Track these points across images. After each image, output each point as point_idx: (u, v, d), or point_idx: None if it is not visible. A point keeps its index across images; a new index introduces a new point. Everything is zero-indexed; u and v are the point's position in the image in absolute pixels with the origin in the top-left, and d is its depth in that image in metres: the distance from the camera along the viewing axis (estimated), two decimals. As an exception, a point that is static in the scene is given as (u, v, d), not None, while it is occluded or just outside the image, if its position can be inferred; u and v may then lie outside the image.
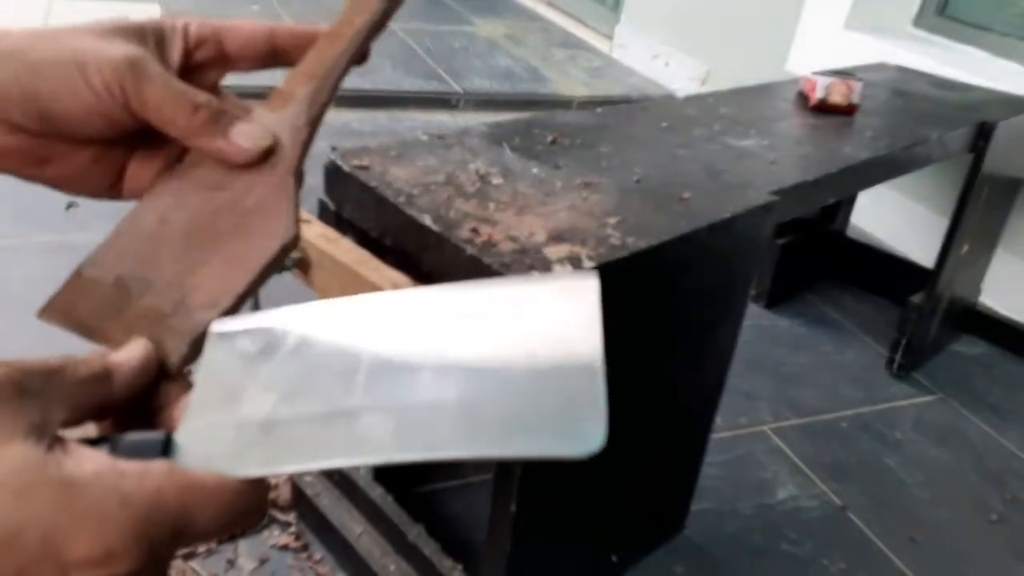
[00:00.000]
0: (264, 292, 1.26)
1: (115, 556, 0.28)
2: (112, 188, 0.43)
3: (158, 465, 0.31)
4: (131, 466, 0.30)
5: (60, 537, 0.27)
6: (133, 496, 0.29)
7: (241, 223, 0.39)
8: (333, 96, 0.43)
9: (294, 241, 0.39)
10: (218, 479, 0.32)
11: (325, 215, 1.02)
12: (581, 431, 0.31)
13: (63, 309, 0.39)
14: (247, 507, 0.33)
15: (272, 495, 1.24)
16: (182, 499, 0.30)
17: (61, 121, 0.38)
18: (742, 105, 1.47)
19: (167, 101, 0.38)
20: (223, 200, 0.40)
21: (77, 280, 0.39)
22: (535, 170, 1.04)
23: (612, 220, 0.93)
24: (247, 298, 0.38)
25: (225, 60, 0.43)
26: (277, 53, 0.43)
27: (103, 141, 0.41)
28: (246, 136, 0.40)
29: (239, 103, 0.44)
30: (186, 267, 0.38)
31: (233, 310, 0.37)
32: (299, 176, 0.41)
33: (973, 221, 1.69)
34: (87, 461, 0.29)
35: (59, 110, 0.38)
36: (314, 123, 0.42)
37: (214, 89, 0.44)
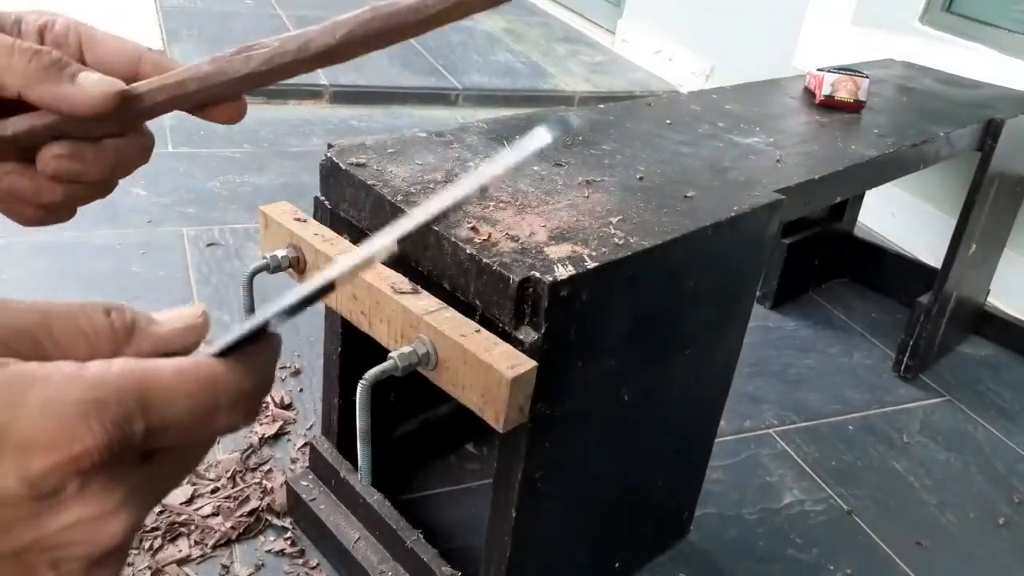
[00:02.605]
0: (260, 293, 1.24)
1: (75, 438, 0.27)
2: None
3: (123, 358, 0.29)
4: (95, 361, 0.29)
5: (17, 425, 0.26)
6: (96, 379, 0.28)
7: None
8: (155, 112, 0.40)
9: None
10: (189, 359, 0.31)
11: (321, 214, 1.00)
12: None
13: None
14: (227, 384, 0.31)
15: (267, 500, 1.22)
16: (147, 376, 0.29)
17: None
18: (747, 101, 1.45)
19: (2, 49, 0.37)
20: None
21: None
22: (535, 168, 1.02)
23: (614, 219, 0.91)
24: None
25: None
26: (138, 79, 0.41)
27: None
28: (93, 83, 0.38)
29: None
30: None
31: None
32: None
33: (981, 220, 1.67)
34: (51, 363, 0.28)
35: None
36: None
37: None
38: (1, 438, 0.26)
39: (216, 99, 0.41)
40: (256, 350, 0.33)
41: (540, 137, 0.29)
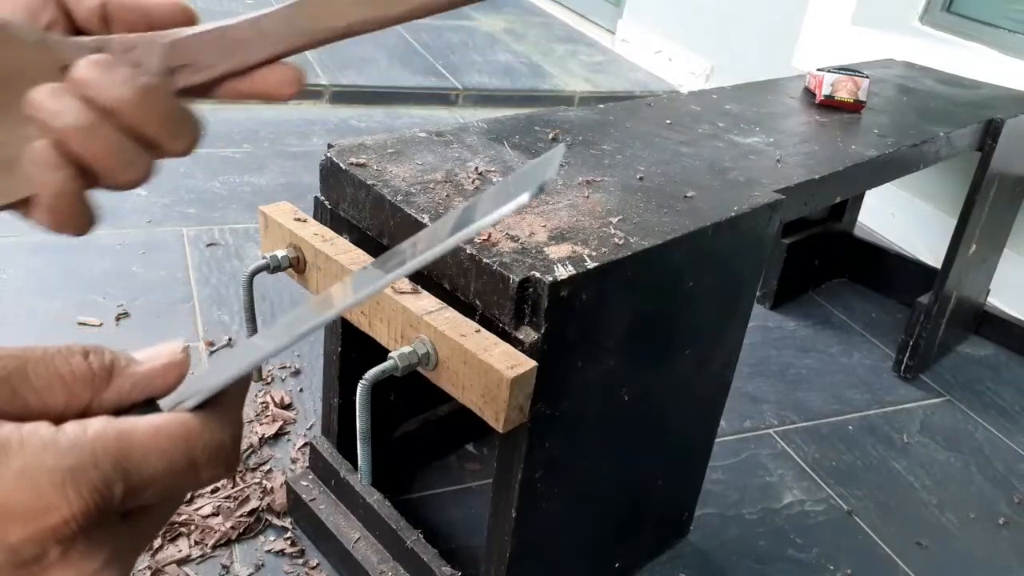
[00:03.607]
0: (260, 292, 1.23)
1: (52, 507, 0.26)
2: None
3: (99, 418, 0.29)
4: (70, 423, 0.28)
5: None
6: (71, 445, 0.27)
7: None
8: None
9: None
10: (163, 415, 0.30)
11: (321, 214, 1.00)
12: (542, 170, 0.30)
13: None
14: (203, 439, 0.30)
15: (267, 500, 1.22)
16: (123, 438, 0.28)
17: None
18: (747, 101, 1.45)
19: None
20: None
21: None
22: (536, 168, 1.01)
23: (614, 219, 0.91)
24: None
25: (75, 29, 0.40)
26: (108, 22, 0.39)
27: None
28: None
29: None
30: None
31: None
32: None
33: (981, 220, 1.67)
34: (26, 426, 0.28)
35: None
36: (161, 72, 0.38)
37: None
38: None
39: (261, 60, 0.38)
40: (229, 399, 0.32)
41: (519, 200, 0.29)
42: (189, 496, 1.19)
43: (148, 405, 0.32)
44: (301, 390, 1.46)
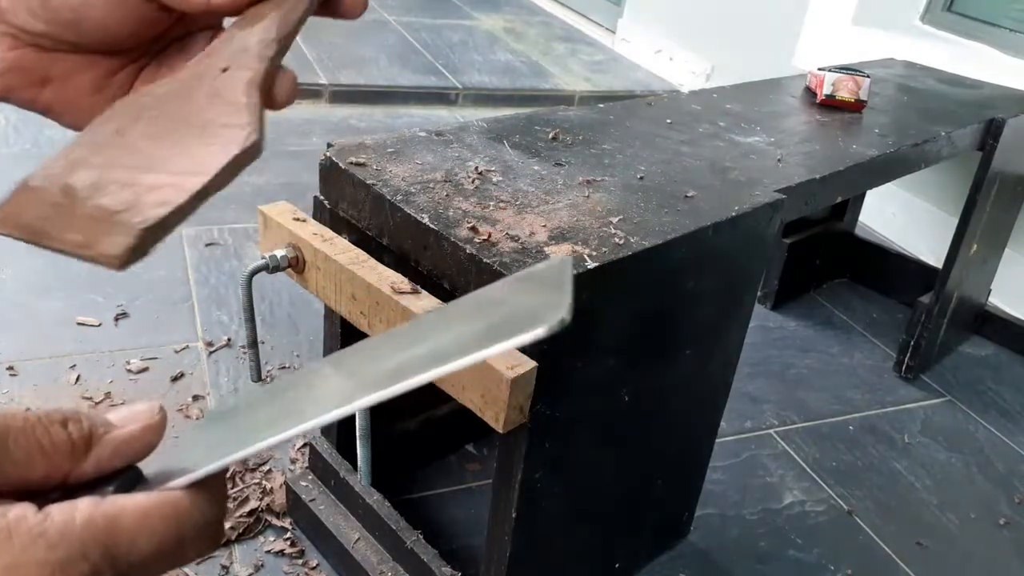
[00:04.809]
0: (259, 292, 1.23)
1: None
2: None
3: (86, 500, 0.29)
4: (56, 508, 0.28)
5: None
6: (60, 537, 0.27)
7: (202, 131, 0.38)
8: (305, 17, 0.42)
9: (255, 147, 0.38)
10: (152, 495, 0.30)
11: (320, 213, 1.00)
12: (547, 308, 0.29)
13: (8, 217, 0.36)
14: (192, 519, 0.30)
15: (267, 500, 1.21)
16: (112, 524, 0.28)
17: (81, 22, 0.38)
18: (748, 101, 1.44)
19: None
20: (182, 111, 0.39)
21: (24, 190, 0.37)
22: (536, 167, 1.01)
23: (615, 219, 0.90)
24: (202, 201, 0.36)
25: None
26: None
27: (106, 50, 0.41)
28: None
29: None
30: (139, 170, 0.36)
31: (186, 210, 0.35)
32: (264, 89, 0.41)
33: (982, 220, 1.67)
34: (11, 511, 0.27)
35: (81, 9, 0.38)
36: (283, 40, 0.41)
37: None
38: None
39: None
40: (215, 475, 0.32)
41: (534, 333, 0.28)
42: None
43: (128, 469, 0.32)
44: (301, 390, 1.46)
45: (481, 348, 0.29)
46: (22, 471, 0.29)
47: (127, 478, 0.31)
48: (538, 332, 0.28)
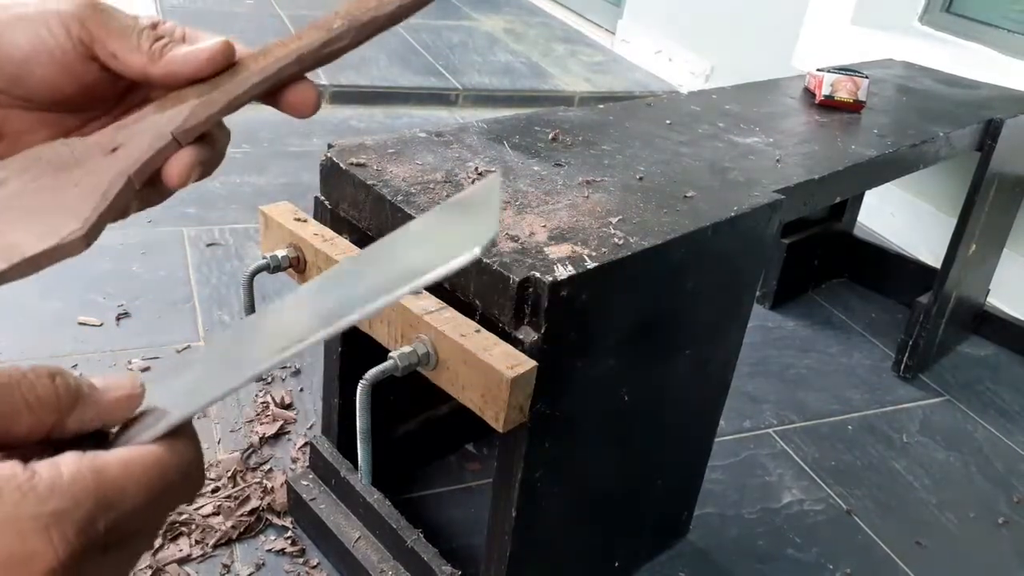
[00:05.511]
0: (260, 292, 1.23)
1: (39, 554, 0.27)
2: None
3: (69, 455, 0.29)
4: (41, 464, 0.28)
5: None
6: (49, 491, 0.28)
7: (50, 208, 0.37)
8: (234, 108, 0.41)
9: (74, 246, 0.37)
10: (131, 448, 0.31)
11: (321, 214, 1.00)
12: (478, 230, 0.30)
13: None
14: (175, 463, 0.31)
15: (268, 499, 1.22)
16: (99, 476, 0.29)
17: (25, 78, 0.38)
18: (747, 101, 1.45)
19: (128, 25, 0.39)
20: (56, 181, 0.38)
21: None
22: (535, 168, 1.02)
23: (614, 219, 0.91)
24: (12, 278, 0.36)
25: None
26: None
27: (60, 109, 0.41)
28: (207, 46, 0.40)
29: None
30: None
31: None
32: (141, 178, 0.40)
33: (981, 220, 1.67)
34: None
35: (23, 65, 0.38)
36: (191, 130, 0.40)
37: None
38: None
39: (287, 80, 0.42)
40: (185, 422, 0.33)
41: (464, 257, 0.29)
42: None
43: (99, 433, 0.33)
44: (301, 390, 1.46)
45: (418, 277, 0.30)
46: (7, 424, 0.29)
47: (97, 437, 0.33)
48: (474, 253, 0.29)
